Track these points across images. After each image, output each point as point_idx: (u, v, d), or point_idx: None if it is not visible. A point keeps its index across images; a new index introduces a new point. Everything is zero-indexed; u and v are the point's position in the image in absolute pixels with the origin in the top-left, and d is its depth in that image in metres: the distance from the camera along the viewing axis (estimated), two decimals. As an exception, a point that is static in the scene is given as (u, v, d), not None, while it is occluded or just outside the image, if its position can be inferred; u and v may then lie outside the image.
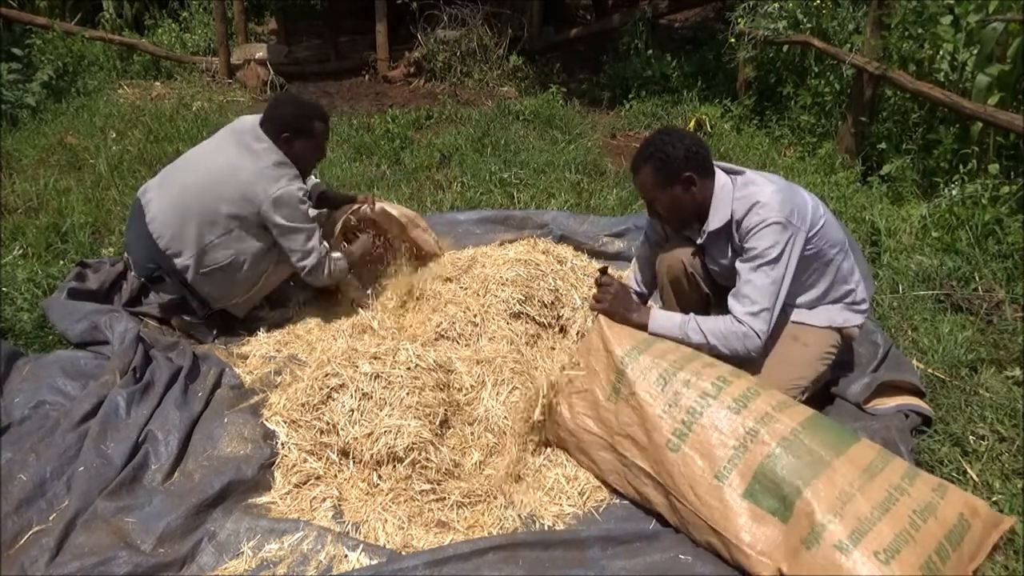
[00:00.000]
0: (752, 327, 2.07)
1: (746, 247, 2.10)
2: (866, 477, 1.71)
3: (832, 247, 2.19)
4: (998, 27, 3.67)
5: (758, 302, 2.07)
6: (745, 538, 1.74)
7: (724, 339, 2.08)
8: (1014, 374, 2.45)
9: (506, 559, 1.81)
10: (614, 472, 2.06)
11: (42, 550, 1.79)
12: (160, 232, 2.58)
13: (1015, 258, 3.05)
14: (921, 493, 1.71)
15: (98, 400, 2.23)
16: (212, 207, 2.56)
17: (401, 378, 2.20)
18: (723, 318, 2.11)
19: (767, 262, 2.07)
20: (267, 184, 2.56)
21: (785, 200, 2.09)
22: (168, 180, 2.67)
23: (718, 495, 1.79)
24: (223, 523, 1.93)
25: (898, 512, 1.65)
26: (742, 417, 1.84)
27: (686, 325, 2.13)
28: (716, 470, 1.81)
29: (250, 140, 2.62)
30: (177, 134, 4.81)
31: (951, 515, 1.68)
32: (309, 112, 2.70)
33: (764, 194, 2.10)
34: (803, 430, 1.80)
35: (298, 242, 2.66)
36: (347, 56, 6.98)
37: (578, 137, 5.08)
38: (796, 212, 2.09)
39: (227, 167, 2.58)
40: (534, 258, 2.93)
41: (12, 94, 5.08)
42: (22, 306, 2.81)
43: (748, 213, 2.10)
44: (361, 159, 4.59)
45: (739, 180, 2.19)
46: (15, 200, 3.78)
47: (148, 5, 7.65)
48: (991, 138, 3.64)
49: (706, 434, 1.85)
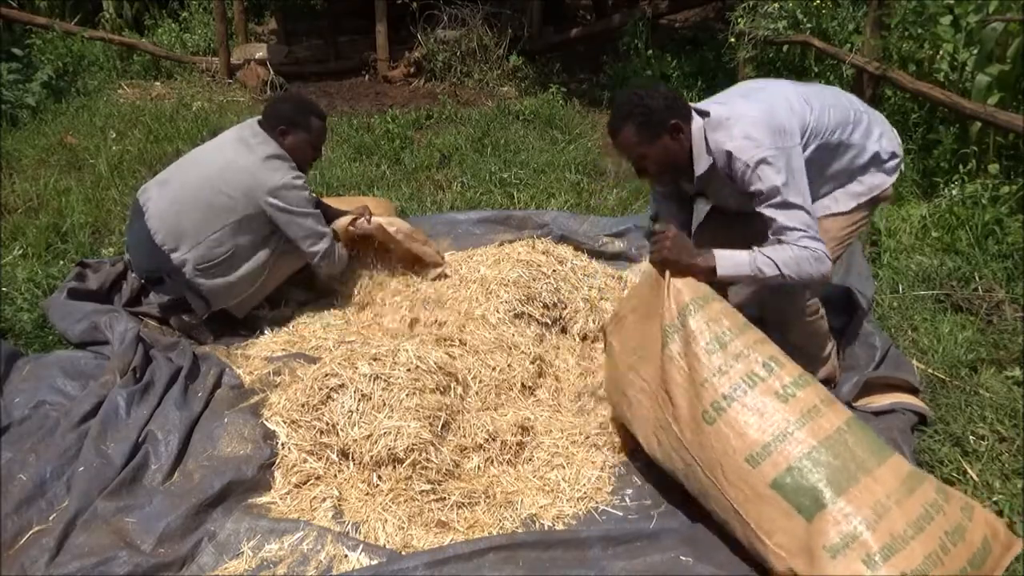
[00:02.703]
0: (819, 248, 1.97)
1: (752, 192, 2.02)
2: (904, 491, 1.63)
3: (832, 132, 2.12)
4: (998, 27, 3.67)
5: (801, 227, 1.97)
6: (765, 527, 1.68)
7: (797, 265, 1.96)
8: (1014, 374, 2.45)
9: (506, 559, 1.81)
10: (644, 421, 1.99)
11: (42, 550, 1.79)
12: (158, 228, 2.58)
13: (1015, 258, 3.05)
14: (953, 512, 1.63)
15: (98, 400, 2.23)
16: (211, 201, 2.56)
17: (401, 379, 2.20)
18: (787, 245, 1.98)
19: (781, 195, 1.98)
20: (266, 175, 2.57)
21: (761, 130, 2.01)
22: (168, 179, 2.68)
23: (746, 478, 1.71)
24: (223, 523, 1.93)
25: (932, 532, 1.57)
26: (788, 407, 1.74)
27: (755, 260, 1.98)
28: (749, 453, 1.72)
29: (248, 136, 2.65)
30: (177, 134, 4.81)
31: (977, 538, 1.62)
32: (306, 108, 2.73)
33: (737, 135, 2.02)
34: (848, 430, 1.73)
35: (305, 228, 2.66)
36: (347, 56, 6.98)
37: (578, 137, 5.08)
38: (778, 132, 2.01)
39: (225, 162, 2.60)
40: (535, 259, 2.93)
41: (12, 94, 5.08)
42: (22, 306, 2.81)
43: (731, 160, 2.03)
44: (361, 159, 4.59)
45: (710, 121, 2.10)
46: (15, 200, 3.77)
47: (148, 5, 7.64)
48: (991, 138, 3.64)
49: (747, 415, 1.75)
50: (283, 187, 2.59)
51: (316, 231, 2.69)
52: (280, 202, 2.58)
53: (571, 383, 2.55)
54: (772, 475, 1.68)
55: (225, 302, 2.72)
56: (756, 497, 1.70)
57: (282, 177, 2.59)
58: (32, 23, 6.32)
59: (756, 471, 1.71)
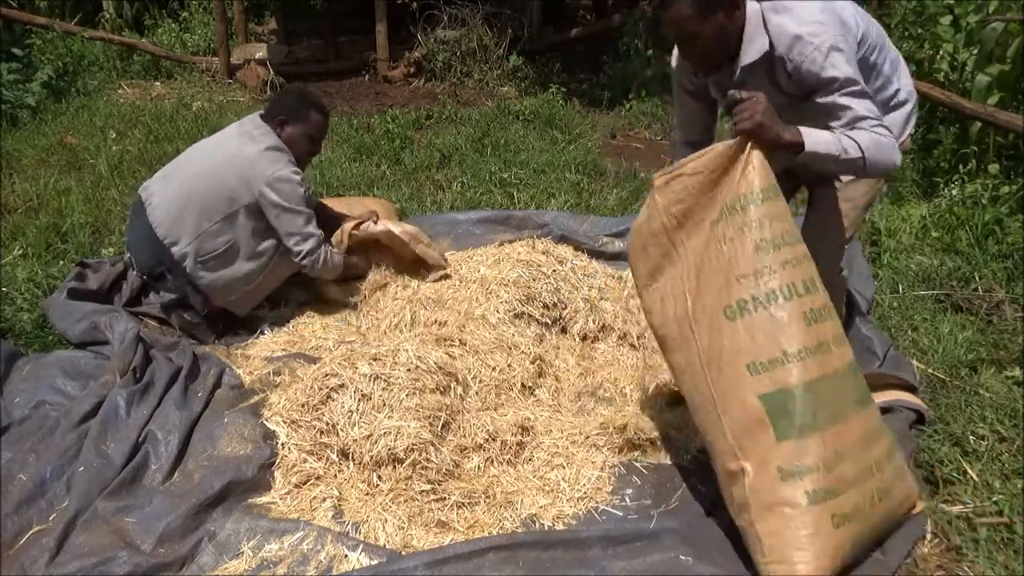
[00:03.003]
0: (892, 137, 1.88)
1: (824, 79, 1.89)
2: (864, 444, 1.73)
3: (872, 49, 2.05)
4: (998, 27, 3.68)
5: (874, 117, 1.88)
6: (737, 427, 1.71)
7: (879, 149, 1.85)
8: (1014, 374, 2.45)
9: (506, 559, 1.81)
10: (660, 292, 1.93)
11: (42, 550, 1.79)
12: (160, 221, 2.59)
13: (1015, 258, 3.05)
14: (889, 473, 1.77)
15: (98, 400, 2.23)
16: (212, 192, 2.58)
17: (401, 379, 2.20)
18: (865, 131, 1.87)
19: (857, 84, 1.88)
20: (264, 165, 2.58)
21: (831, 17, 1.92)
22: (171, 173, 2.70)
23: (740, 381, 1.72)
24: (223, 523, 1.93)
25: (868, 486, 1.70)
26: (808, 333, 1.73)
27: (840, 139, 1.86)
28: (753, 361, 1.72)
29: (250, 128, 2.69)
30: (177, 134, 4.81)
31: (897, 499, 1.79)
32: (307, 101, 2.76)
33: (808, 20, 1.90)
34: (845, 374, 1.76)
35: (296, 224, 2.65)
36: (347, 56, 6.98)
37: (578, 137, 5.08)
38: (843, 25, 1.93)
39: (227, 154, 2.63)
40: (535, 259, 2.93)
41: (12, 94, 5.07)
42: (22, 306, 2.81)
43: (799, 44, 1.90)
44: (361, 159, 4.59)
45: (769, 5, 1.95)
46: (15, 200, 3.77)
47: (148, 5, 7.64)
48: (991, 138, 3.65)
49: (766, 326, 1.73)
50: (279, 179, 2.59)
51: (304, 231, 2.67)
52: (273, 194, 2.58)
53: (571, 383, 2.55)
54: (765, 390, 1.70)
55: (224, 298, 2.71)
56: (739, 401, 1.72)
57: (280, 169, 2.59)
58: (32, 23, 6.32)
59: (752, 379, 1.72)
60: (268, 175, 2.58)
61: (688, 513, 2.00)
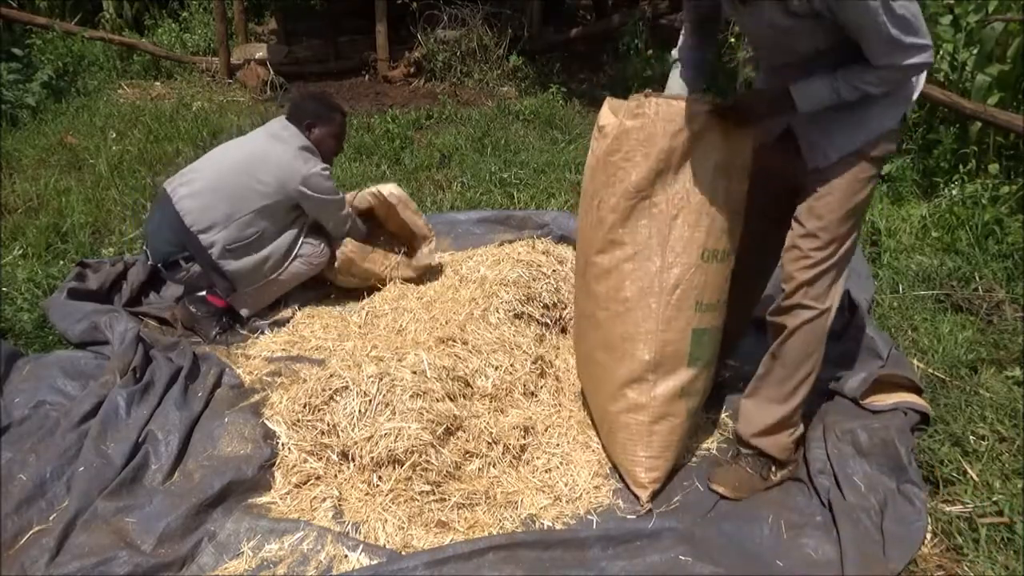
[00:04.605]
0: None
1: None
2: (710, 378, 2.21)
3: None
4: (998, 27, 3.68)
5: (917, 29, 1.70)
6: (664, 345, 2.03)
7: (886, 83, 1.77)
8: (1014, 374, 2.45)
9: (506, 559, 1.81)
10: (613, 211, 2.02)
11: (42, 550, 1.79)
12: (189, 209, 2.68)
13: (1015, 258, 3.05)
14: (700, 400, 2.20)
15: (98, 400, 2.23)
16: (244, 186, 2.71)
17: (405, 381, 2.20)
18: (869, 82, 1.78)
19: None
20: (299, 165, 2.76)
21: None
22: (199, 168, 2.81)
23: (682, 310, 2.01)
24: (223, 523, 1.93)
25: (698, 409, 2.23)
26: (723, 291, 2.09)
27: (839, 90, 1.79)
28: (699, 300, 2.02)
29: (279, 130, 2.85)
30: (177, 134, 4.81)
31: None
32: (330, 105, 3.00)
33: None
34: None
35: (331, 211, 2.90)
36: (347, 56, 6.97)
37: (578, 137, 5.08)
38: None
39: (260, 152, 2.79)
40: (535, 259, 2.93)
41: (12, 94, 5.07)
42: (22, 306, 2.81)
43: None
44: (361, 159, 4.59)
45: None
46: (15, 200, 3.77)
47: (148, 5, 7.64)
48: (991, 138, 3.65)
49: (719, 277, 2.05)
50: (313, 176, 2.77)
51: (340, 216, 2.95)
52: (309, 190, 2.77)
53: (571, 383, 2.55)
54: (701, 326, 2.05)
55: (249, 283, 2.81)
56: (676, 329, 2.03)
57: (312, 167, 2.78)
58: (32, 23, 6.32)
59: (693, 314, 2.03)
60: (303, 174, 2.75)
61: (688, 513, 2.00)
